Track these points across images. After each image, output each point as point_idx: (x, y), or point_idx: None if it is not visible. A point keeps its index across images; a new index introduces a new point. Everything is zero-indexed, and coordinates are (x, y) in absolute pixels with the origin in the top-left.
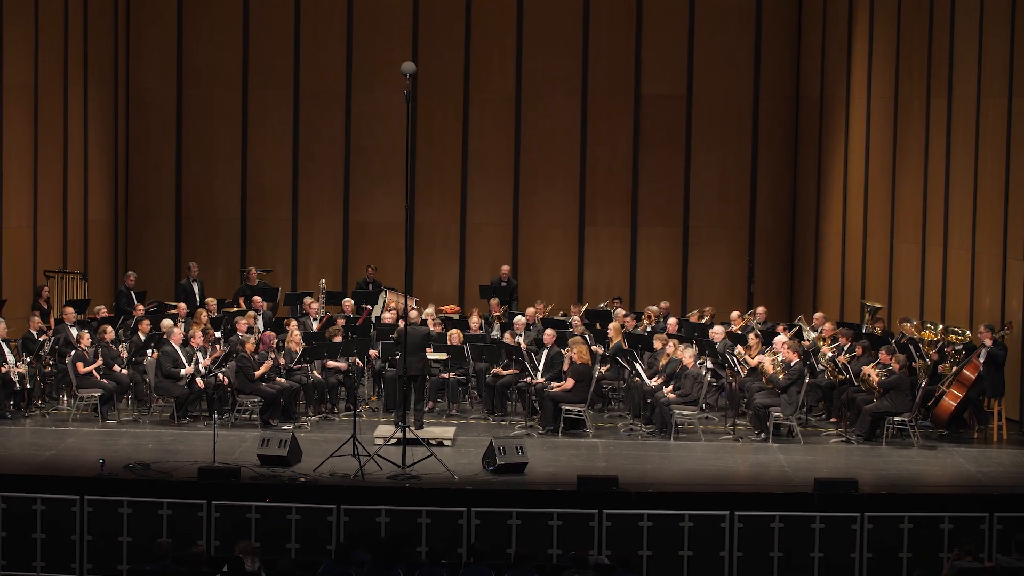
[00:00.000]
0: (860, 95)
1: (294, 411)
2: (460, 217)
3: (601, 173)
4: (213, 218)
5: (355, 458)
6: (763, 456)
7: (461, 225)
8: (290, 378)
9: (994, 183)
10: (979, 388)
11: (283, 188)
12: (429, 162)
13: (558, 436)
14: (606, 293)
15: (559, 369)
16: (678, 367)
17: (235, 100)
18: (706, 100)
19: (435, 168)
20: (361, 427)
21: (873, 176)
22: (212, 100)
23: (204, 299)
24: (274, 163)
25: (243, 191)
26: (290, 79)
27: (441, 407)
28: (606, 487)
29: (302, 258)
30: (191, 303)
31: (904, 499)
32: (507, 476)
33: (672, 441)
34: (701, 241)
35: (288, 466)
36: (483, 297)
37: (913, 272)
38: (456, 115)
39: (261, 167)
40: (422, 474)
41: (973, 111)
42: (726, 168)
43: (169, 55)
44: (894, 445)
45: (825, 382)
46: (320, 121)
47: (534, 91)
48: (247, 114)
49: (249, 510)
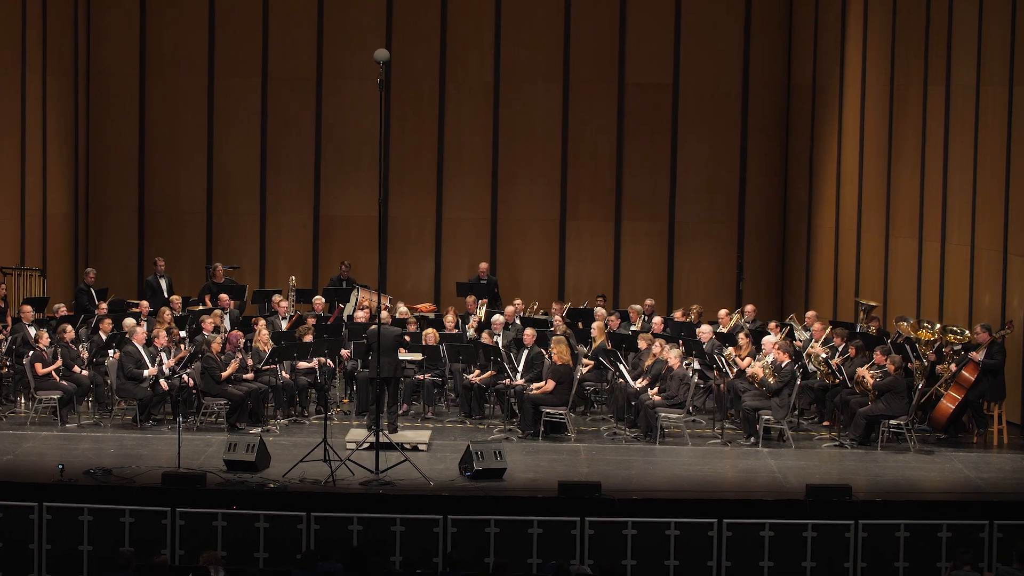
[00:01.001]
0: (854, 82)
1: (262, 414)
2: (436, 211)
3: (583, 165)
4: (177, 212)
5: (326, 463)
6: (753, 461)
7: (437, 220)
8: (258, 379)
9: (994, 175)
10: (978, 390)
11: (251, 180)
12: (403, 154)
13: (538, 440)
14: (588, 291)
15: (539, 370)
16: (664, 368)
17: (200, 88)
18: (693, 89)
19: (409, 160)
20: (332, 431)
21: (868, 168)
22: (176, 88)
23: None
24: (241, 154)
25: (209, 184)
26: (258, 66)
27: (416, 410)
28: (589, 493)
29: (270, 254)
30: (159, 300)
31: (900, 506)
32: (485, 482)
33: (657, 445)
34: (688, 236)
35: (256, 471)
36: (460, 295)
37: (910, 268)
38: (431, 105)
39: (228, 159)
40: (396, 480)
41: (972, 99)
42: (714, 160)
43: (131, 40)
44: (890, 449)
45: (818, 384)
46: (289, 111)
47: (513, 80)
48: (213, 103)
49: (215, 518)
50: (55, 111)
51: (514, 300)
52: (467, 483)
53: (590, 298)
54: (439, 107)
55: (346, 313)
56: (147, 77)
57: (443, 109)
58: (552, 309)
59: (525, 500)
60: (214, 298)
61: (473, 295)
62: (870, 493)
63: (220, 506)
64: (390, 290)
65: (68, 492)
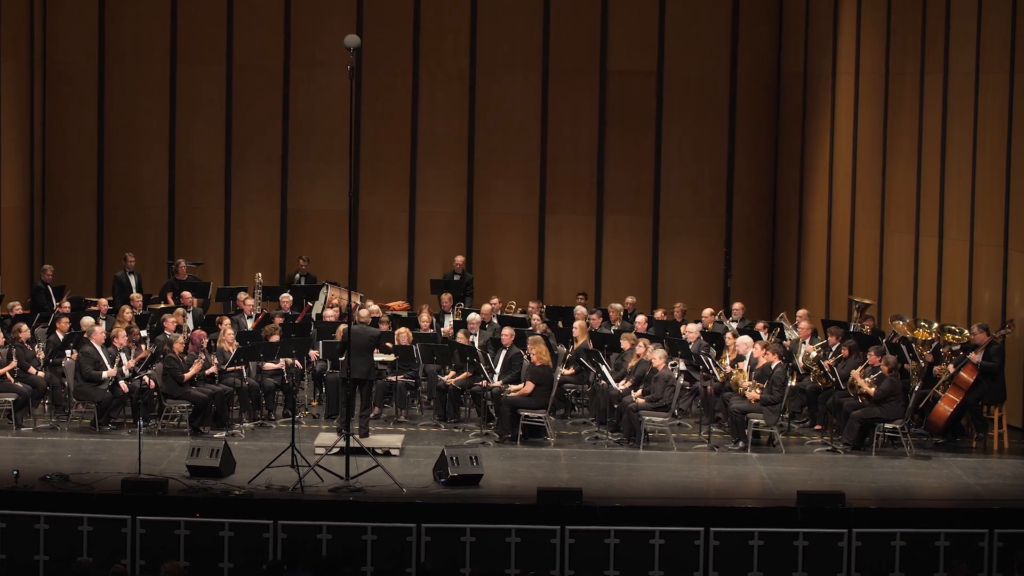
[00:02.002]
0: (847, 70)
1: (227, 417)
2: (409, 205)
3: (563, 157)
4: (138, 206)
5: (294, 469)
6: (741, 467)
7: (410, 214)
8: (223, 381)
9: (995, 167)
10: (977, 392)
11: (215, 173)
12: (375, 145)
13: (516, 445)
14: (569, 288)
15: (517, 371)
16: (648, 369)
17: (162, 77)
18: (678, 77)
19: (381, 151)
20: (300, 435)
21: (862, 159)
22: (137, 77)
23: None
24: (205, 146)
25: (171, 177)
26: (222, 53)
27: (388, 413)
28: (569, 501)
29: (236, 250)
30: (126, 298)
31: (896, 514)
32: (460, 489)
33: (641, 450)
34: (673, 231)
35: (220, 477)
36: (434, 292)
37: (906, 265)
38: (404, 93)
39: (191, 150)
40: (367, 486)
41: (971, 87)
42: (700, 151)
43: (90, 27)
44: (885, 455)
45: (809, 386)
46: (256, 100)
47: (490, 68)
48: (175, 92)
49: (177, 526)
50: (9, 101)
51: (491, 298)
52: (441, 490)
53: (570, 296)
54: (412, 96)
55: (315, 312)
56: (106, 65)
57: (416, 98)
58: (531, 307)
59: (502, 508)
60: (176, 296)
61: (450, 292)
62: (864, 500)
63: (183, 514)
64: (361, 287)
65: (23, 499)
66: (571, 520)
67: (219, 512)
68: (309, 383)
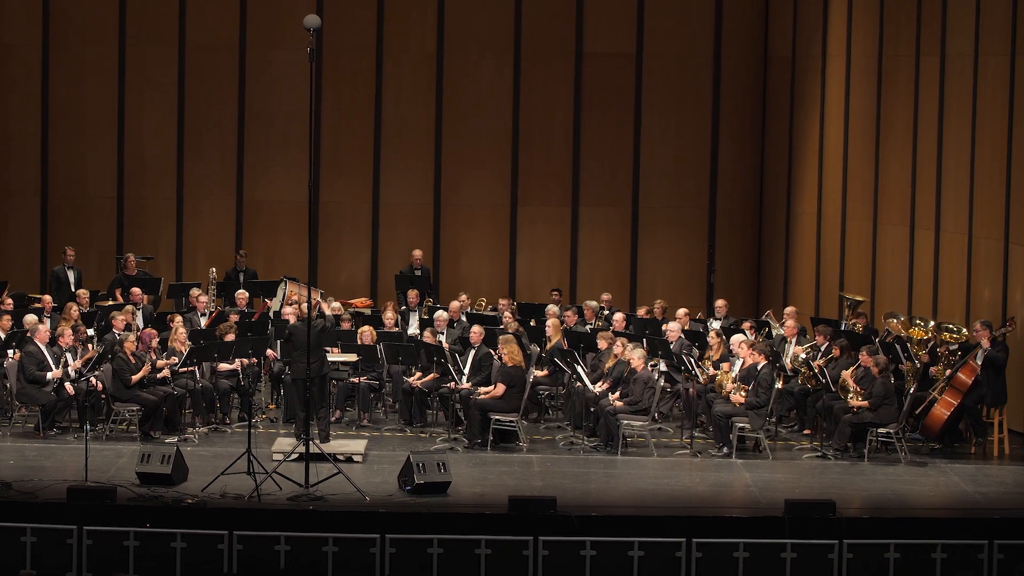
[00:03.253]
0: (838, 53)
1: (179, 421)
2: (372, 196)
3: (537, 146)
4: (85, 196)
5: (250, 476)
6: (725, 474)
7: (373, 206)
8: (175, 383)
9: (994, 156)
10: (976, 395)
11: (166, 162)
12: (336, 132)
13: (486, 450)
14: (542, 284)
15: (488, 372)
16: (626, 370)
17: (110, 59)
18: (659, 60)
19: (343, 139)
20: (257, 440)
21: (853, 148)
22: (83, 59)
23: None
24: (156, 133)
25: (120, 165)
26: (174, 34)
27: (350, 417)
28: (542, 510)
29: (188, 243)
30: (65, 294)
31: (889, 524)
32: (427, 497)
33: (619, 456)
34: (653, 224)
35: (172, 485)
36: (399, 289)
37: (900, 260)
38: (368, 77)
39: (141, 137)
40: (328, 495)
41: (970, 71)
42: (682, 139)
43: (33, 5)
44: (878, 461)
45: (798, 388)
46: (210, 84)
47: (459, 50)
48: (124, 76)
49: (126, 537)
50: None
51: (460, 295)
52: (407, 498)
53: (544, 292)
54: (376, 80)
55: (272, 309)
56: (50, 47)
57: (381, 82)
58: (502, 304)
59: (472, 517)
60: (125, 292)
61: (416, 288)
62: (856, 509)
63: (132, 524)
64: (322, 283)
65: None
66: (545, 530)
67: (171, 522)
68: (266, 385)
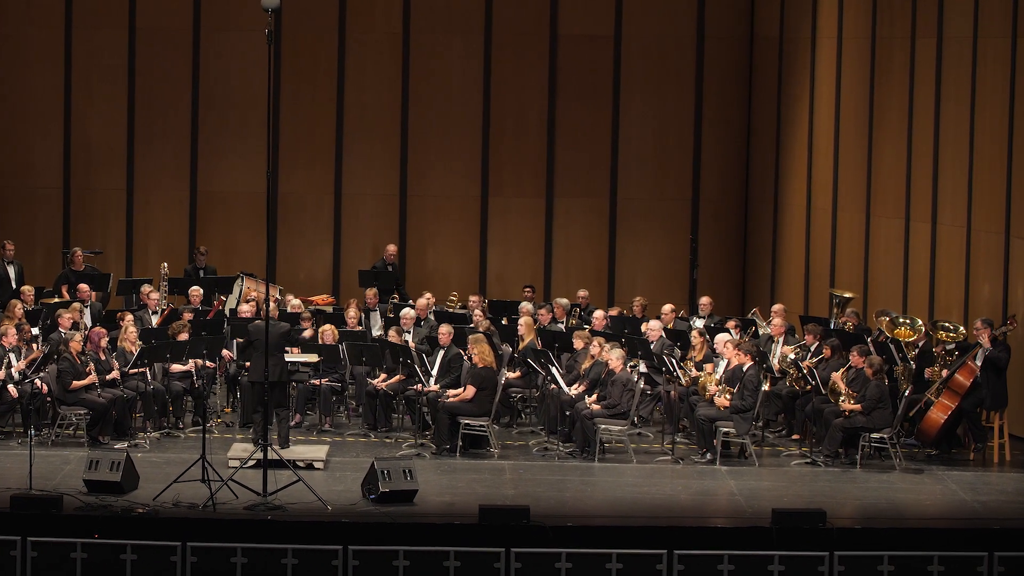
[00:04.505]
0: (829, 35)
1: (129, 426)
2: (334, 187)
3: (509, 133)
4: (29, 187)
5: (205, 484)
6: (709, 481)
7: (336, 197)
8: (124, 385)
9: (994, 144)
10: (975, 397)
11: (116, 151)
12: (296, 119)
13: (455, 457)
14: (515, 280)
15: (457, 374)
16: (604, 372)
17: (56, 43)
18: (638, 42)
19: (304, 126)
20: (212, 446)
21: (845, 135)
22: (27, 42)
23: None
24: (105, 120)
25: (66, 154)
26: (124, 16)
27: (311, 421)
28: (515, 520)
29: (139, 237)
30: (6, 291)
31: (883, 534)
32: (392, 506)
33: (596, 463)
34: (632, 216)
35: (122, 494)
36: (363, 285)
37: (894, 254)
38: (329, 60)
39: (89, 125)
40: (287, 504)
41: (969, 55)
42: (663, 126)
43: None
44: (871, 468)
45: (786, 391)
46: (162, 68)
47: (426, 31)
48: (71, 60)
49: (73, 548)
50: None
51: (426, 292)
52: (371, 507)
53: (516, 289)
54: (338, 64)
55: (228, 307)
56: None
57: (343, 66)
58: (472, 302)
59: (440, 527)
60: (72, 289)
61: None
62: (848, 519)
63: (79, 535)
64: (280, 279)
65: None
66: (517, 542)
67: (120, 533)
68: (222, 387)
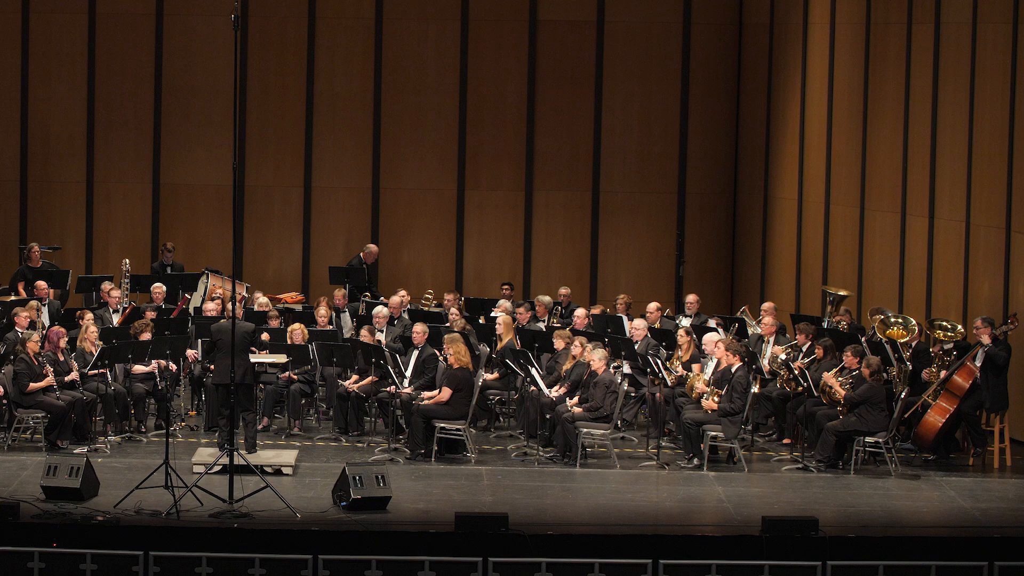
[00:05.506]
0: (821, 20)
1: (89, 430)
2: (304, 179)
3: (487, 123)
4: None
5: (168, 490)
6: (696, 488)
7: (305, 190)
8: (84, 387)
9: (995, 134)
10: (974, 399)
11: (75, 141)
12: (264, 108)
13: (430, 462)
14: (493, 277)
15: (432, 375)
16: (586, 373)
17: (12, 27)
18: (622, 27)
19: (272, 116)
20: (176, 450)
21: (838, 125)
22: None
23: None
24: (64, 109)
25: (23, 146)
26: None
27: (280, 424)
28: (493, 528)
29: (100, 232)
30: None
31: (878, 543)
32: (365, 513)
33: (578, 468)
34: (615, 210)
35: (81, 500)
36: (333, 282)
37: (890, 250)
38: (298, 46)
39: (47, 114)
40: (255, 511)
41: (967, 41)
42: (648, 116)
43: None
44: (865, 473)
45: (776, 393)
46: (124, 55)
47: (399, 16)
48: (28, 46)
49: (31, 557)
50: None
51: (400, 289)
52: (342, 515)
53: (494, 286)
54: (308, 51)
55: (193, 305)
56: None
57: (313, 53)
58: (447, 300)
59: (414, 536)
60: (29, 286)
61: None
62: (841, 527)
63: (37, 543)
64: (247, 276)
65: None
66: (495, 551)
67: (80, 541)
68: (186, 389)
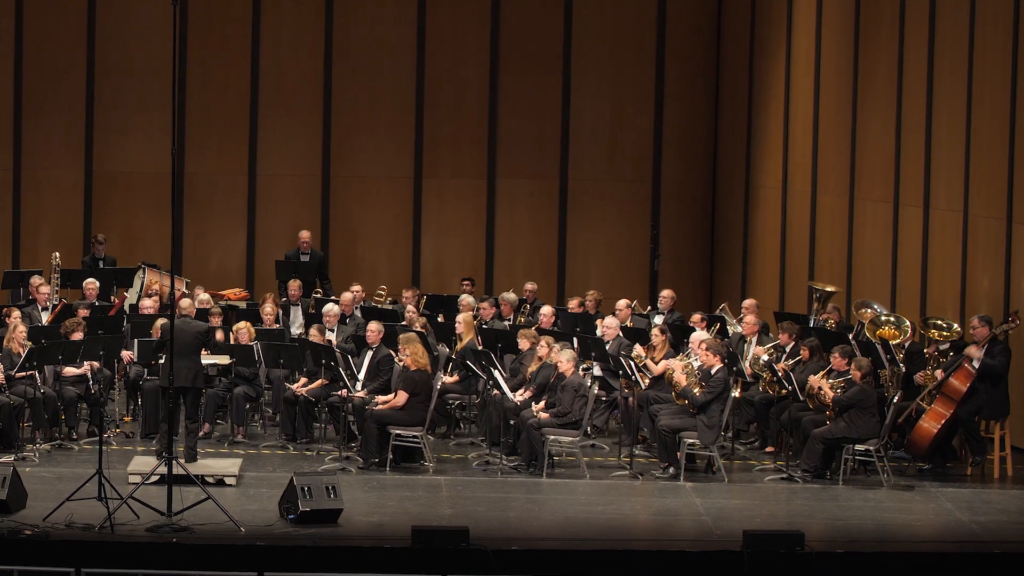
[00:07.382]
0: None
1: (16, 437)
2: (248, 166)
3: (446, 106)
4: None
5: (102, 502)
6: (672, 499)
7: (250, 177)
8: (10, 391)
9: (995, 117)
10: (973, 404)
11: (1, 126)
12: (205, 89)
13: (385, 471)
14: (453, 272)
15: (387, 378)
16: (553, 375)
17: None
18: (592, 4)
19: (214, 98)
20: (110, 459)
21: (826, 107)
22: None
23: None
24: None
25: None
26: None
27: (222, 431)
28: (453, 542)
29: (27, 222)
30: None
31: (868, 559)
32: (314, 527)
33: (545, 479)
34: (585, 199)
35: (8, 513)
36: (279, 277)
37: (882, 242)
38: (243, 24)
39: None
40: (195, 524)
41: (965, 13)
42: (619, 98)
43: None
44: (855, 484)
45: (759, 397)
46: (53, 32)
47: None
48: None
49: None
50: None
51: (353, 285)
52: (290, 528)
53: (454, 281)
54: (253, 27)
55: (129, 302)
56: None
57: (258, 30)
58: (404, 296)
59: (367, 551)
60: None
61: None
62: (828, 542)
63: None
64: (188, 271)
65: None
66: (455, 567)
67: (6, 557)
68: (121, 393)
